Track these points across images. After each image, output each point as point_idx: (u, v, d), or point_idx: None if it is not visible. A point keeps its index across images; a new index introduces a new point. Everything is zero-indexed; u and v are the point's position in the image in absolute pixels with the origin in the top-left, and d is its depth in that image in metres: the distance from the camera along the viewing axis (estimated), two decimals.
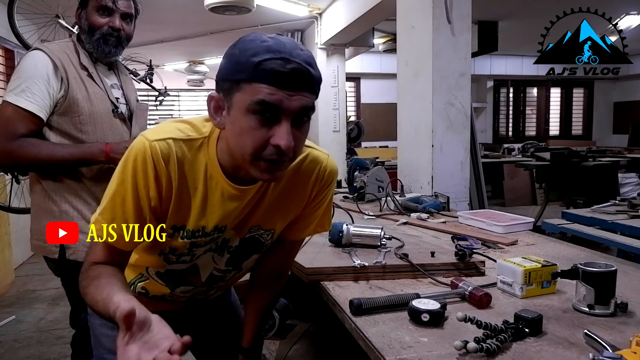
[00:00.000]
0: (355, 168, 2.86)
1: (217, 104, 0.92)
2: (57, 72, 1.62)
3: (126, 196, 0.94)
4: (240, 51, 0.87)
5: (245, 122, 0.87)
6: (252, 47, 0.85)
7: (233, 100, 0.88)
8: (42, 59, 1.63)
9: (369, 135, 8.17)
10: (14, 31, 3.97)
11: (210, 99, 0.93)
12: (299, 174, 1.07)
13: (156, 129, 0.99)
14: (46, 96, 1.60)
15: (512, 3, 5.71)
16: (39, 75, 1.60)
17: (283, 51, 0.84)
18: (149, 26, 5.74)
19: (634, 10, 5.84)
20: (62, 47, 1.71)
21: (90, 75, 1.70)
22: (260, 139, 0.87)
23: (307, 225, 1.17)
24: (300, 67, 0.85)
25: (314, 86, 0.89)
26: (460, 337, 0.91)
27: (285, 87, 0.84)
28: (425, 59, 2.83)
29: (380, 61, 8.84)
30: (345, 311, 1.12)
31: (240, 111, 0.87)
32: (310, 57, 0.88)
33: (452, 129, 2.82)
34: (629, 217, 2.46)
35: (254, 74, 0.84)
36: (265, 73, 0.83)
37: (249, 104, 0.85)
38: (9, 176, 4.33)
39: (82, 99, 1.64)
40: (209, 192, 1.00)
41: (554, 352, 0.91)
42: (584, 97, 10.97)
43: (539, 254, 1.57)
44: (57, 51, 1.67)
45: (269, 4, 5.06)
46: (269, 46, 0.84)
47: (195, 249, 1.08)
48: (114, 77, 1.83)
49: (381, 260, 1.38)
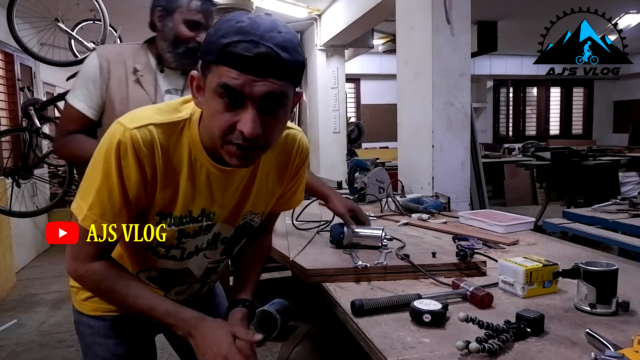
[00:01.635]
0: (356, 169, 2.86)
1: (198, 84, 0.90)
2: (101, 73, 1.67)
3: (113, 190, 0.93)
4: (214, 31, 0.85)
5: (213, 105, 0.86)
6: (225, 28, 0.83)
7: (206, 81, 0.87)
8: (92, 59, 1.69)
9: (369, 136, 8.17)
10: (13, 35, 3.97)
11: (192, 79, 0.91)
12: (283, 153, 1.10)
13: (134, 115, 0.97)
14: (95, 95, 1.66)
15: (511, 3, 5.72)
16: (87, 75, 1.68)
17: (254, 34, 0.80)
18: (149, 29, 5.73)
19: (633, 9, 5.84)
20: (122, 49, 1.75)
21: (139, 80, 1.70)
22: (226, 123, 0.86)
23: (288, 199, 1.21)
24: (268, 52, 0.80)
25: (284, 72, 0.84)
26: (462, 338, 0.91)
27: (250, 72, 0.81)
28: (424, 60, 2.83)
29: (380, 62, 8.85)
30: (347, 312, 1.12)
31: (210, 93, 0.86)
32: (288, 41, 0.83)
33: (452, 129, 2.82)
34: (629, 216, 2.46)
35: (219, 56, 0.82)
36: (230, 56, 0.81)
37: (215, 87, 0.84)
38: (9, 180, 4.35)
39: (119, 101, 1.66)
40: (195, 175, 0.99)
41: (556, 351, 0.91)
42: (584, 96, 10.98)
43: (540, 254, 1.57)
44: (110, 52, 1.71)
45: (268, 5, 5.07)
46: (241, 27, 0.81)
47: (184, 240, 1.06)
48: (181, 82, 1.79)
49: (382, 261, 1.38)
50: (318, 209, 2.11)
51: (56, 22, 3.95)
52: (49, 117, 4.43)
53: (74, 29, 4.39)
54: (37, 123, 4.16)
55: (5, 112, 5.35)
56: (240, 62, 0.81)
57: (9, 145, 5.25)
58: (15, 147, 5.16)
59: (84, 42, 3.91)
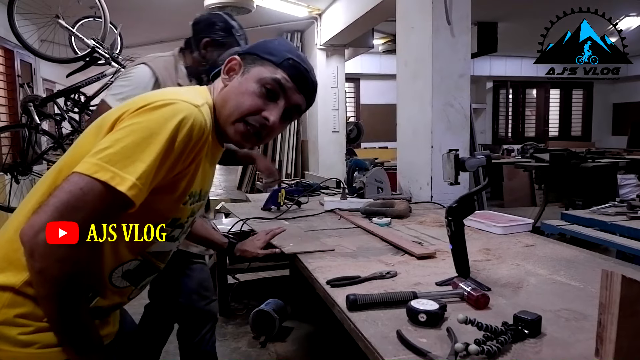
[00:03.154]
0: (355, 169, 2.86)
1: (233, 67, 1.09)
2: (154, 86, 1.77)
3: (163, 166, 0.91)
4: (278, 44, 1.12)
5: (251, 87, 1.06)
6: (288, 47, 1.12)
7: (252, 69, 1.08)
8: (146, 71, 1.81)
9: (368, 136, 8.17)
10: (13, 31, 3.97)
11: (231, 59, 1.10)
12: None
13: (184, 93, 1.00)
14: None
15: (511, 4, 5.72)
16: (138, 82, 1.77)
17: (307, 66, 1.12)
18: (149, 26, 5.74)
19: (633, 11, 5.85)
20: (165, 62, 1.89)
21: None
22: (255, 105, 1.06)
23: None
24: (312, 80, 1.13)
25: (311, 98, 1.15)
26: (458, 338, 0.91)
27: (297, 83, 1.09)
28: (424, 60, 2.83)
29: (380, 62, 8.85)
30: (344, 311, 1.12)
31: (253, 78, 1.06)
32: (317, 84, 1.16)
33: (451, 130, 2.82)
34: (628, 218, 2.46)
35: (282, 63, 1.07)
36: (290, 67, 1.08)
37: (265, 77, 1.06)
38: (8, 176, 4.34)
39: None
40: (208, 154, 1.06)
41: (553, 353, 0.91)
42: (583, 98, 10.99)
43: (538, 256, 1.57)
44: (160, 67, 1.84)
45: (269, 4, 5.07)
46: (299, 55, 1.12)
47: (188, 219, 1.12)
48: None
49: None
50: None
51: (56, 19, 3.95)
52: (48, 113, 4.43)
53: (75, 26, 4.40)
54: (37, 119, 4.16)
55: (4, 109, 5.35)
56: (295, 73, 1.09)
57: (8, 141, 5.25)
58: (15, 143, 5.16)
59: (85, 39, 3.91)
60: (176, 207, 1.04)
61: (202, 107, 0.98)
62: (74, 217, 0.84)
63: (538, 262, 1.50)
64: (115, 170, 0.86)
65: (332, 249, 1.65)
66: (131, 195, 0.87)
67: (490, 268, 1.44)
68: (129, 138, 0.89)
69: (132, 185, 0.86)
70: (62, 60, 4.22)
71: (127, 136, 0.89)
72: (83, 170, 0.86)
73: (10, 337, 0.91)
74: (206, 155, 1.04)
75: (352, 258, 1.56)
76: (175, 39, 6.68)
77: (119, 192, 0.86)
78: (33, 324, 0.92)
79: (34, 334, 0.92)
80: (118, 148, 0.88)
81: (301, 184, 3.20)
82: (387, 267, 1.44)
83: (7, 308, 0.91)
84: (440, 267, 1.45)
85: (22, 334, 0.91)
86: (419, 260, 1.53)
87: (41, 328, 0.92)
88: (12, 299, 0.92)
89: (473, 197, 1.30)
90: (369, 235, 1.90)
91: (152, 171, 0.89)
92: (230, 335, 3.04)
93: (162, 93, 1.00)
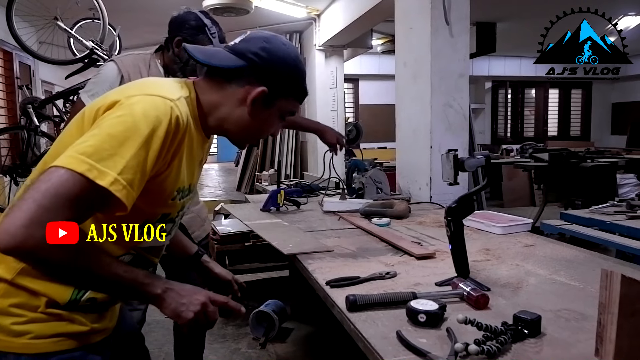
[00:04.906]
0: (354, 169, 2.86)
1: (260, 100, 1.07)
2: (121, 82, 1.81)
3: (147, 160, 0.90)
4: (303, 74, 1.14)
5: (273, 119, 1.13)
6: (303, 73, 1.14)
7: (276, 102, 1.10)
8: (113, 68, 1.87)
9: (368, 137, 8.12)
10: (12, 33, 3.96)
11: (261, 92, 1.06)
12: None
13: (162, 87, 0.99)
14: None
15: (510, 4, 5.73)
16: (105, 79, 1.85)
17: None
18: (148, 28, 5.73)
19: (632, 11, 5.86)
20: (135, 60, 1.93)
21: None
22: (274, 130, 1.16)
23: None
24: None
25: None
26: (458, 339, 0.91)
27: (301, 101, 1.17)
28: (423, 61, 2.83)
29: (379, 62, 8.86)
30: (344, 312, 1.12)
31: (278, 113, 1.12)
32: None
33: (450, 130, 2.82)
34: (627, 217, 2.46)
35: (300, 96, 1.15)
36: (302, 97, 1.16)
37: (286, 112, 1.14)
38: (7, 178, 4.34)
39: None
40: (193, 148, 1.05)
41: (552, 353, 0.91)
42: (582, 98, 11.00)
43: (538, 256, 1.57)
44: (129, 64, 1.89)
45: (268, 5, 5.07)
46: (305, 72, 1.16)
47: (179, 214, 1.13)
48: None
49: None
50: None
51: (55, 21, 3.94)
52: (47, 115, 4.43)
53: (73, 28, 4.39)
54: (36, 121, 4.15)
55: (3, 110, 5.35)
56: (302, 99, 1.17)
57: (7, 143, 5.25)
58: (14, 145, 5.16)
59: (83, 40, 3.90)
60: (165, 204, 1.04)
61: (178, 101, 0.97)
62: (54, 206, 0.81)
63: (538, 262, 1.50)
64: (92, 163, 0.84)
65: (332, 249, 1.65)
66: (114, 190, 0.85)
67: (489, 268, 1.44)
68: (106, 132, 0.88)
69: (114, 180, 0.85)
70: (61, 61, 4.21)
71: (104, 130, 0.89)
72: (60, 164, 0.84)
73: (4, 327, 0.94)
74: (189, 148, 1.02)
75: (352, 258, 1.56)
76: None
77: (97, 185, 0.84)
78: (27, 314, 0.95)
79: (27, 324, 0.94)
80: (95, 141, 0.87)
81: (300, 184, 3.20)
82: (386, 268, 1.44)
83: (1, 298, 0.94)
84: (439, 268, 1.45)
85: (16, 323, 0.94)
86: (419, 260, 1.53)
87: (35, 319, 0.95)
88: (6, 289, 0.94)
89: (472, 197, 1.30)
90: (368, 235, 1.89)
91: (136, 168, 0.88)
92: (230, 337, 3.04)
93: (138, 86, 1.01)
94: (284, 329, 3.03)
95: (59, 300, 0.97)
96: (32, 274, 0.94)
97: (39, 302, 0.96)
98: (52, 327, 0.97)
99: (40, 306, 0.96)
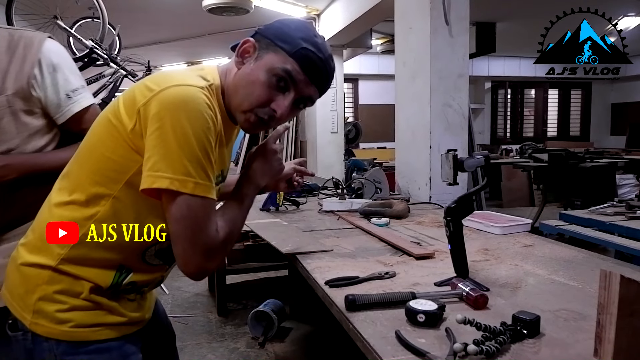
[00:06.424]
0: (353, 169, 2.86)
1: (248, 50, 1.04)
2: None
3: (209, 155, 0.93)
4: (295, 29, 1.04)
5: (261, 76, 1.01)
6: (305, 34, 1.03)
7: (265, 55, 1.02)
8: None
9: (367, 137, 8.17)
10: None
11: (246, 42, 1.04)
12: None
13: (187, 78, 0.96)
14: None
15: (510, 4, 5.73)
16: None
17: (324, 53, 1.04)
18: (147, 27, 5.73)
19: (632, 11, 5.86)
20: None
21: None
22: (265, 96, 1.02)
23: None
24: (328, 71, 1.06)
25: (325, 89, 1.09)
26: (457, 339, 0.91)
27: (310, 75, 1.02)
28: (423, 61, 2.83)
29: (378, 62, 8.85)
30: (343, 311, 1.12)
31: (264, 66, 1.01)
32: (334, 70, 1.09)
33: (450, 131, 2.82)
34: (626, 218, 2.46)
35: (295, 52, 1.00)
36: (303, 57, 1.01)
37: (276, 67, 1.00)
38: None
39: None
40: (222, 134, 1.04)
41: (551, 353, 0.91)
42: (582, 98, 10.99)
43: (537, 256, 1.57)
44: None
45: (267, 5, 5.07)
46: (316, 42, 1.03)
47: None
48: None
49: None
50: None
51: (55, 20, 3.94)
52: None
53: (73, 27, 4.39)
54: None
55: None
56: (308, 64, 1.02)
57: None
58: None
59: (83, 39, 3.91)
60: None
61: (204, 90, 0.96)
62: (199, 228, 0.93)
63: (537, 262, 1.50)
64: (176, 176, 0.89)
65: (331, 249, 1.65)
66: (202, 193, 0.92)
67: (488, 268, 1.44)
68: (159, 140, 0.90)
69: (196, 184, 0.91)
70: None
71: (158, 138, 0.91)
72: (172, 187, 0.89)
73: (48, 313, 0.98)
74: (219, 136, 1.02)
75: (351, 258, 1.56)
76: (174, 40, 6.69)
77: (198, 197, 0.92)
78: (69, 302, 0.98)
79: (69, 312, 0.98)
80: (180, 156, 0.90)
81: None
82: (385, 268, 1.44)
83: (46, 284, 0.98)
84: (438, 268, 1.45)
85: (59, 311, 0.98)
86: (418, 260, 1.53)
87: (76, 306, 0.99)
88: (50, 276, 0.98)
89: (472, 197, 1.30)
90: (367, 235, 1.89)
91: (209, 167, 0.93)
92: (229, 336, 3.04)
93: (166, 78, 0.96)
94: (283, 329, 3.03)
95: (102, 284, 1.00)
96: (74, 260, 0.98)
97: (81, 288, 0.99)
98: (92, 316, 1.00)
99: (83, 292, 0.99)
